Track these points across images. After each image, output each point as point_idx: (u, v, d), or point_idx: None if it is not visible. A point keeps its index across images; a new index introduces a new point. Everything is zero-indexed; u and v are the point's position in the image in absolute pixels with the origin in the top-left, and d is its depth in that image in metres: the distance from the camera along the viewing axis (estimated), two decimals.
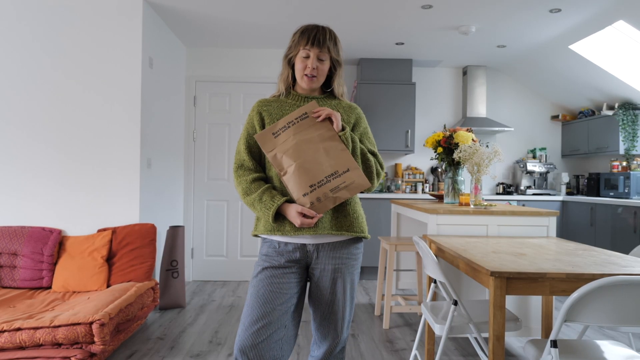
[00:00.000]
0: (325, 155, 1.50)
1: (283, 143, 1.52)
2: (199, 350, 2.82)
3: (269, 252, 1.59)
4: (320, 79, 1.62)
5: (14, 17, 3.42)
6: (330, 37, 1.59)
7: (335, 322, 1.62)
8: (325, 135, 1.53)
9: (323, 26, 1.61)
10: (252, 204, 1.56)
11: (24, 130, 3.43)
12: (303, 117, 1.54)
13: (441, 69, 5.65)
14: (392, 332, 3.21)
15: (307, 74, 1.59)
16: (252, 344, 1.46)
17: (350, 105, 1.70)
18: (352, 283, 1.63)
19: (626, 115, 4.67)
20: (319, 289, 1.60)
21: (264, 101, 1.67)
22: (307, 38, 1.56)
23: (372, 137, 1.71)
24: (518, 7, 3.68)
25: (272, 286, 1.53)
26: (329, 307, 1.61)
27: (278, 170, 1.53)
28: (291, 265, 1.57)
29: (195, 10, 3.82)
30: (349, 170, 1.49)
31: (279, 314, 1.51)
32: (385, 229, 4.90)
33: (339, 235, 1.57)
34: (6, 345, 2.29)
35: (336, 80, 1.66)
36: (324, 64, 1.59)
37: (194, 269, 4.78)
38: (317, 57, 1.57)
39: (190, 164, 4.76)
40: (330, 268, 1.58)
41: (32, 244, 3.18)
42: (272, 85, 4.81)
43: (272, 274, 1.55)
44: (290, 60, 1.63)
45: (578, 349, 1.67)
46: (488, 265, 1.72)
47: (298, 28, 1.63)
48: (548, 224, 2.75)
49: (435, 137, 3.33)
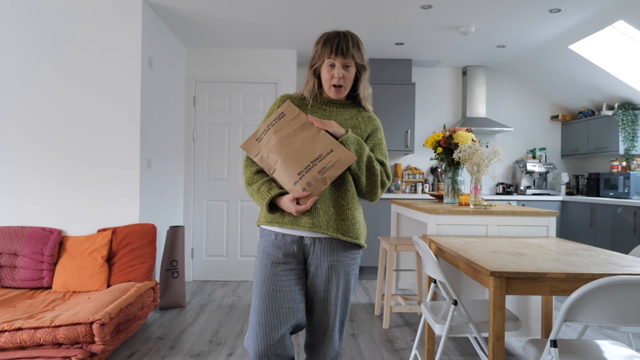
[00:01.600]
0: (307, 142, 1.53)
1: (266, 144, 1.56)
2: (199, 350, 2.82)
3: (267, 247, 1.59)
4: (347, 87, 1.63)
5: (14, 18, 3.42)
6: (354, 44, 1.58)
7: (326, 321, 1.61)
8: (303, 126, 1.56)
9: (344, 32, 1.60)
10: (252, 194, 1.60)
11: (24, 130, 3.43)
12: (280, 117, 1.58)
13: (441, 69, 5.66)
14: (392, 332, 3.21)
15: (334, 84, 1.59)
16: (267, 347, 1.49)
17: (370, 116, 1.70)
18: (347, 283, 1.61)
19: (626, 115, 4.67)
20: (313, 285, 1.60)
21: (287, 96, 1.68)
22: (331, 47, 1.56)
23: (385, 149, 1.71)
24: (518, 7, 3.68)
25: (276, 285, 1.54)
26: (322, 304, 1.60)
27: (267, 170, 1.56)
28: (289, 261, 1.57)
29: (194, 11, 3.82)
30: (332, 151, 1.51)
31: (288, 313, 1.52)
32: (385, 229, 4.91)
33: (334, 237, 1.56)
34: (7, 345, 2.29)
35: (362, 84, 1.65)
36: (350, 71, 1.60)
37: (194, 269, 4.78)
38: (342, 65, 1.57)
39: (190, 164, 4.76)
40: (326, 265, 1.57)
41: (32, 244, 3.18)
42: (272, 85, 4.81)
43: (273, 273, 1.55)
44: (315, 70, 1.64)
45: (578, 349, 1.68)
46: (488, 265, 1.72)
47: (319, 37, 1.63)
48: (548, 224, 2.75)
49: (435, 137, 3.33)
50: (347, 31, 1.61)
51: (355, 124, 1.64)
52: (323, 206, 1.54)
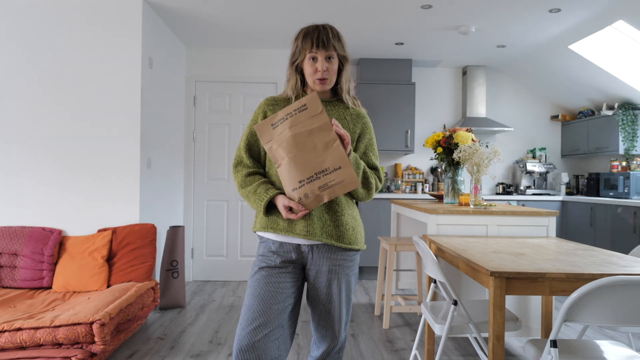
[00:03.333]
0: (319, 149, 1.47)
1: (279, 135, 1.50)
2: (199, 350, 2.82)
3: (265, 252, 1.59)
4: (332, 79, 1.60)
5: (14, 18, 3.42)
6: (334, 35, 1.56)
7: (332, 322, 1.63)
8: (321, 129, 1.48)
9: (323, 25, 1.58)
10: (247, 196, 1.58)
11: (24, 129, 3.43)
12: (302, 109, 1.49)
13: (441, 69, 5.66)
14: (392, 332, 3.21)
15: (318, 77, 1.57)
16: (249, 343, 1.46)
17: (359, 113, 1.67)
18: (348, 284, 1.63)
19: (626, 115, 4.67)
20: (315, 289, 1.61)
21: (271, 99, 1.65)
22: (312, 41, 1.54)
23: (376, 149, 1.69)
24: (518, 7, 3.68)
25: (268, 286, 1.53)
26: (325, 307, 1.61)
27: (274, 162, 1.52)
28: (287, 266, 1.57)
29: (195, 10, 3.82)
30: (340, 168, 1.45)
31: (276, 314, 1.51)
32: (385, 229, 4.91)
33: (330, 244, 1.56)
34: (7, 345, 2.29)
35: (343, 76, 1.63)
36: (333, 62, 1.57)
37: (194, 269, 4.78)
38: (325, 57, 1.55)
39: (190, 164, 4.76)
40: (326, 269, 1.57)
41: (32, 244, 3.18)
42: (272, 85, 4.81)
43: (268, 274, 1.55)
44: (297, 66, 1.60)
45: (578, 349, 1.68)
46: (488, 265, 1.73)
47: (298, 32, 1.60)
48: (548, 224, 2.75)
49: (435, 137, 3.33)
50: (325, 24, 1.59)
51: (344, 124, 1.62)
52: (317, 212, 1.54)
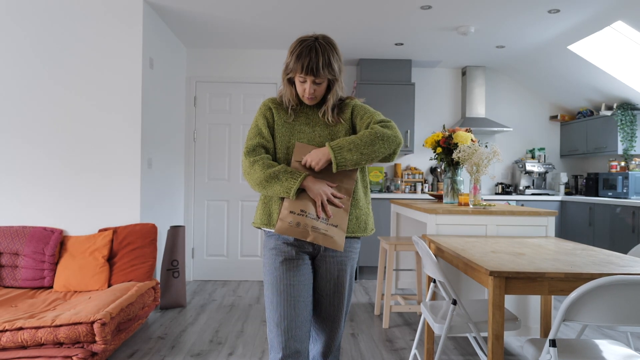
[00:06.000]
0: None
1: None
2: (200, 350, 2.83)
3: (278, 245, 1.61)
4: (319, 96, 1.63)
5: (14, 18, 3.43)
6: (324, 63, 1.53)
7: (335, 313, 1.68)
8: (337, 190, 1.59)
9: (317, 47, 1.54)
10: (275, 176, 1.52)
11: (25, 130, 3.43)
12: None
13: (440, 69, 5.67)
14: (391, 332, 3.22)
15: (306, 96, 1.61)
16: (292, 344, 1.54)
17: (346, 104, 1.68)
18: (352, 272, 1.72)
19: (625, 116, 4.68)
20: (325, 280, 1.65)
21: (274, 100, 1.69)
22: (302, 66, 1.53)
23: (375, 113, 1.64)
24: (517, 7, 3.69)
25: (289, 279, 1.57)
26: (333, 298, 1.66)
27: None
28: (302, 257, 1.62)
29: (195, 11, 3.83)
30: (337, 227, 1.56)
31: (304, 307, 1.58)
32: (384, 229, 4.92)
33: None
34: (8, 345, 2.30)
35: (331, 93, 1.62)
36: (321, 86, 1.60)
37: (195, 269, 4.79)
38: (312, 81, 1.57)
39: (190, 164, 4.77)
40: (336, 260, 1.64)
41: (33, 243, 3.19)
42: (272, 85, 4.82)
43: (287, 268, 1.58)
44: (290, 79, 1.63)
45: (577, 348, 1.69)
46: (487, 264, 1.74)
47: (294, 45, 1.57)
48: (547, 224, 2.76)
49: (434, 137, 3.34)
50: (319, 42, 1.55)
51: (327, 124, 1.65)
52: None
